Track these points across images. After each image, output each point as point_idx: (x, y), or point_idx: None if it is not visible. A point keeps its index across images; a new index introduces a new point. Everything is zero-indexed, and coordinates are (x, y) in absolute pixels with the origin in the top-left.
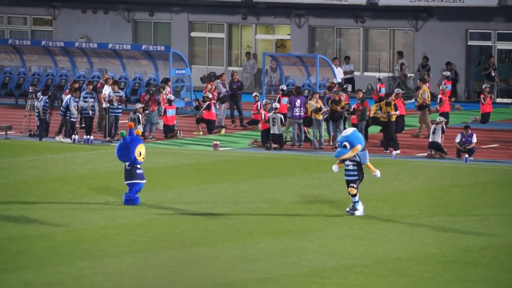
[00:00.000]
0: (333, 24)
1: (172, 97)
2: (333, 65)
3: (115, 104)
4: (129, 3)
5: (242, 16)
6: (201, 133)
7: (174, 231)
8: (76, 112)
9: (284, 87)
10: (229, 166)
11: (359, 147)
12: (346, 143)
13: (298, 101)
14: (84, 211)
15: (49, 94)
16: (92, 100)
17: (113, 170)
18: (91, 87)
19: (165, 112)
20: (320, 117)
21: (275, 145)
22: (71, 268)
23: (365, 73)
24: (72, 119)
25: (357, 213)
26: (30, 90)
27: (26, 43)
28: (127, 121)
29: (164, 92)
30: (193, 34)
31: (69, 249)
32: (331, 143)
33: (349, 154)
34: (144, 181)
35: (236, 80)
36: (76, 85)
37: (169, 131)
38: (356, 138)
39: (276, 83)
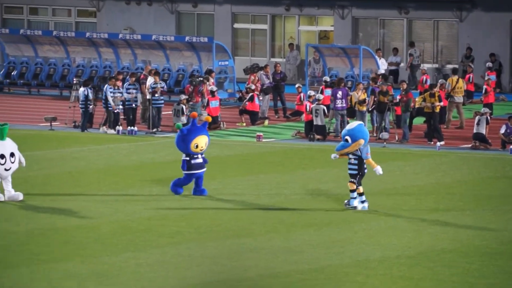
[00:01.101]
0: (377, 15)
1: (215, 88)
2: (376, 56)
3: (157, 95)
4: None
5: (285, 7)
6: (244, 124)
7: (218, 222)
8: (113, 102)
9: (327, 78)
10: (273, 157)
11: (361, 141)
12: (348, 137)
13: (340, 92)
14: (128, 202)
15: (90, 85)
16: (135, 91)
17: (157, 161)
18: (133, 78)
19: (208, 103)
20: (364, 109)
21: (318, 136)
22: (115, 259)
23: None
24: (115, 111)
25: (358, 207)
26: (75, 82)
27: (71, 34)
28: (171, 112)
29: (207, 83)
30: (236, 25)
31: (113, 240)
32: (375, 134)
33: (350, 149)
34: (203, 169)
35: (279, 71)
36: (120, 77)
37: (213, 123)
38: (359, 132)
39: (319, 75)
